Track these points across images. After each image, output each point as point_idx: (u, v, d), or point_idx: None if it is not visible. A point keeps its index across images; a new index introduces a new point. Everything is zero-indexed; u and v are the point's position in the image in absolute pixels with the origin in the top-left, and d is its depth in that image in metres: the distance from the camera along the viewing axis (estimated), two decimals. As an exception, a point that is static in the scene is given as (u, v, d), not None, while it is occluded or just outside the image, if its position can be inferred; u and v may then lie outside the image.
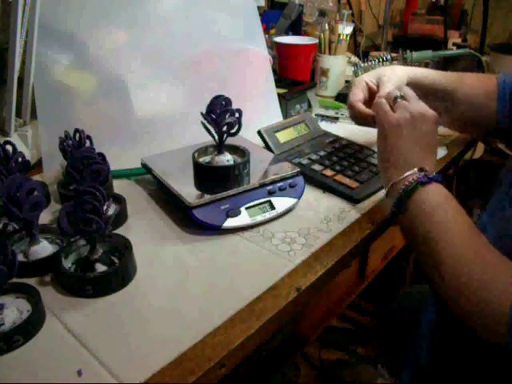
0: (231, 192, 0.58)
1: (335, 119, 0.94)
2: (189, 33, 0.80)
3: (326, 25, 1.05)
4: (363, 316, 1.50)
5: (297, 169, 0.64)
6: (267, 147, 0.73)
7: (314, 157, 0.72)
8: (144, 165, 0.67)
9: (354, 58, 1.20)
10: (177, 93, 0.81)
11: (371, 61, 1.10)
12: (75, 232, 0.46)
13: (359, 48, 1.44)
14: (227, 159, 0.60)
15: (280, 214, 0.60)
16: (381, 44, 1.62)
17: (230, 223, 0.56)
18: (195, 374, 0.38)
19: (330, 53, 1.05)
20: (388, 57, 1.09)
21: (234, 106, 0.59)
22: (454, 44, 1.47)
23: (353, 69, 1.12)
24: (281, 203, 0.60)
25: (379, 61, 1.09)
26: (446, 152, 0.81)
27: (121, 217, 0.59)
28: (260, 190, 0.60)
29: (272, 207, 0.59)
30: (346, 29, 1.04)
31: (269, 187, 0.61)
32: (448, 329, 0.59)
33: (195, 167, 0.60)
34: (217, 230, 0.56)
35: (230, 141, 0.61)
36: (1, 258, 0.41)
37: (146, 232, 0.57)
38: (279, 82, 0.94)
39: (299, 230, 0.57)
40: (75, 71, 0.72)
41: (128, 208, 0.60)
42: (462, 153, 0.87)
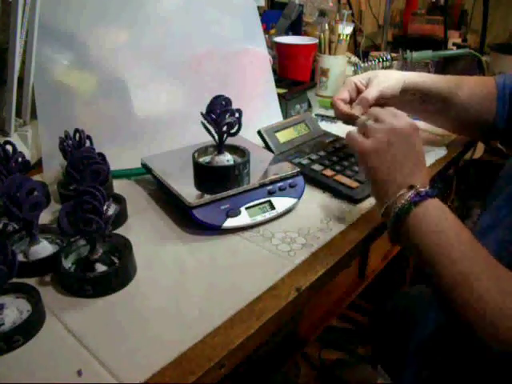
0: (231, 192, 0.58)
1: (335, 119, 0.94)
2: (189, 33, 0.80)
3: (326, 25, 1.05)
4: (363, 316, 1.50)
5: (297, 169, 0.64)
6: (267, 147, 0.73)
7: (314, 157, 0.72)
8: (144, 165, 0.67)
9: (354, 58, 1.20)
10: (177, 93, 0.81)
11: (371, 61, 1.10)
12: (75, 232, 0.46)
13: (359, 48, 1.44)
14: (227, 159, 0.60)
15: (280, 214, 0.60)
16: (381, 44, 1.62)
17: (230, 223, 0.56)
18: (195, 374, 0.38)
19: (330, 53, 1.05)
20: (388, 57, 1.09)
21: (234, 106, 0.59)
22: (454, 44, 1.47)
23: (353, 69, 1.12)
24: (281, 203, 0.60)
25: (379, 61, 1.09)
26: (446, 152, 0.81)
27: (121, 217, 0.59)
28: (260, 190, 0.60)
29: (272, 207, 0.59)
30: (346, 29, 1.04)
31: (269, 187, 0.61)
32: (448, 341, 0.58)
33: (195, 167, 0.60)
34: (217, 230, 0.56)
35: (230, 141, 0.61)
36: (1, 258, 0.41)
37: (146, 232, 0.57)
38: (279, 82, 0.94)
39: (299, 230, 0.57)
40: (75, 71, 0.72)
41: (128, 208, 0.60)
42: (462, 153, 0.87)
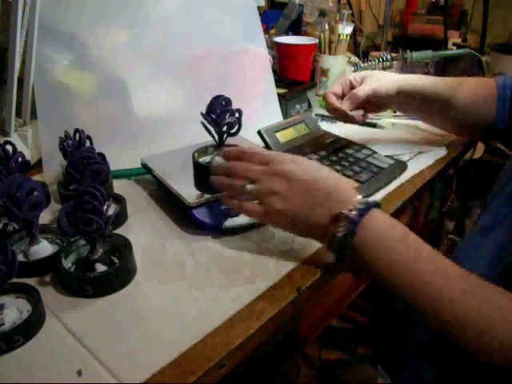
0: (231, 192, 0.58)
1: (335, 119, 0.94)
2: (189, 33, 0.80)
3: (326, 25, 1.05)
4: (363, 316, 1.50)
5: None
6: (267, 147, 0.73)
7: (314, 157, 0.72)
8: (144, 165, 0.66)
9: (354, 58, 1.20)
10: (177, 93, 0.81)
11: (371, 61, 1.09)
12: (75, 232, 0.46)
13: (359, 48, 1.44)
14: (227, 159, 0.60)
15: (280, 214, 0.60)
16: (381, 44, 1.62)
17: (230, 223, 0.56)
18: (195, 374, 0.38)
19: (330, 53, 1.05)
20: (388, 57, 1.09)
21: (234, 106, 0.59)
22: (454, 44, 1.47)
23: (353, 69, 1.11)
24: (281, 203, 0.60)
25: (379, 61, 1.09)
26: (446, 152, 0.81)
27: (121, 217, 0.59)
28: (260, 190, 0.60)
29: (272, 207, 0.59)
30: (346, 29, 1.04)
31: (269, 187, 0.61)
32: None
33: (195, 167, 0.60)
34: (217, 230, 0.56)
35: (230, 141, 0.60)
36: (1, 258, 0.41)
37: (146, 232, 0.57)
38: (279, 82, 0.94)
39: (299, 230, 0.57)
40: (75, 71, 0.72)
41: (128, 208, 0.60)
42: (462, 153, 0.87)
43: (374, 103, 0.77)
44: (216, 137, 0.59)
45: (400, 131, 0.90)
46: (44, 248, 0.50)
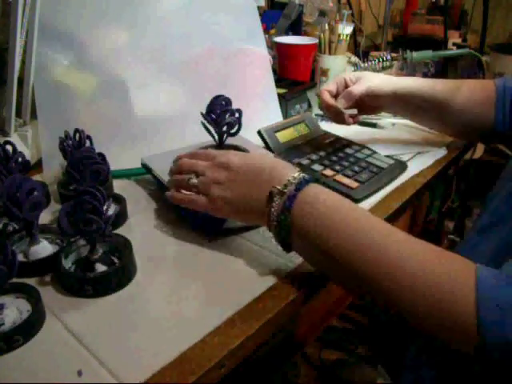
0: (231, 192, 0.58)
1: (335, 119, 0.94)
2: (189, 33, 0.80)
3: (326, 25, 1.05)
4: (363, 316, 1.50)
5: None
6: (267, 147, 0.73)
7: (314, 157, 0.72)
8: (144, 165, 0.66)
9: (354, 58, 1.20)
10: (177, 93, 0.81)
11: (371, 61, 1.09)
12: (75, 232, 0.46)
13: (359, 48, 1.44)
14: (227, 159, 0.60)
15: (280, 214, 0.59)
16: (381, 44, 1.62)
17: (230, 223, 0.56)
18: (195, 374, 0.38)
19: (330, 53, 1.05)
20: (388, 57, 1.09)
21: (234, 106, 0.59)
22: (454, 44, 1.47)
23: (353, 69, 1.12)
24: (281, 203, 0.60)
25: (379, 61, 1.09)
26: (446, 152, 0.81)
27: (121, 217, 0.59)
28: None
29: (272, 207, 0.59)
30: (346, 29, 1.04)
31: (269, 187, 0.61)
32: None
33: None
34: (216, 231, 0.56)
35: (230, 141, 0.61)
36: (1, 258, 0.41)
37: (146, 232, 0.57)
38: (279, 82, 0.94)
39: (299, 230, 0.57)
40: (75, 71, 0.72)
41: (128, 208, 0.60)
42: (462, 153, 0.87)
43: (369, 104, 0.77)
44: (216, 137, 0.59)
45: (400, 131, 0.90)
46: (44, 248, 0.50)
